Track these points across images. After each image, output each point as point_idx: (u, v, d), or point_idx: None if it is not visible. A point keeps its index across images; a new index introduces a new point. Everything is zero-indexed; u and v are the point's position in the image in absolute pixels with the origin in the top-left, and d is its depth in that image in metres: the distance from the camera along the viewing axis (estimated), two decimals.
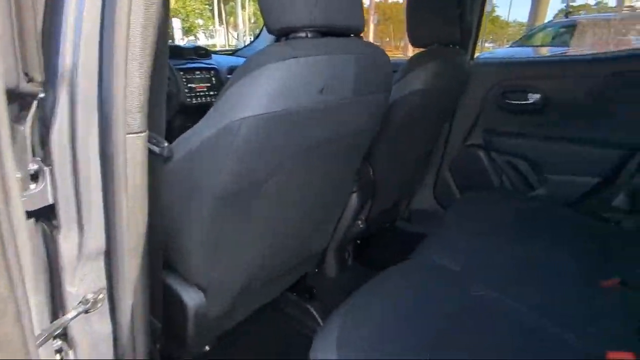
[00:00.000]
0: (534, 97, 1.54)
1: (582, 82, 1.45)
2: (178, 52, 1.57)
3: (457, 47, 1.41)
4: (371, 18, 16.66)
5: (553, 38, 6.90)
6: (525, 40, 7.26)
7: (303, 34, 0.68)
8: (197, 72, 1.49)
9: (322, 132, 0.74)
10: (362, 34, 0.79)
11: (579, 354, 0.68)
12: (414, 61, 1.19)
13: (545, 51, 6.25)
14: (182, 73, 1.44)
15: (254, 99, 0.59)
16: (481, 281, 0.86)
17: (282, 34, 0.68)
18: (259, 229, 0.80)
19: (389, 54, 0.86)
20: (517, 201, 1.39)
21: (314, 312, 1.24)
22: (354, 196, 1.16)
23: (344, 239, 1.25)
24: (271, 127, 0.62)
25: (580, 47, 6.08)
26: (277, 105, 0.60)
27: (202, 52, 1.64)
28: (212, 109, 0.64)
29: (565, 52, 5.87)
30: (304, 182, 0.81)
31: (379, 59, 0.80)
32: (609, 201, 1.41)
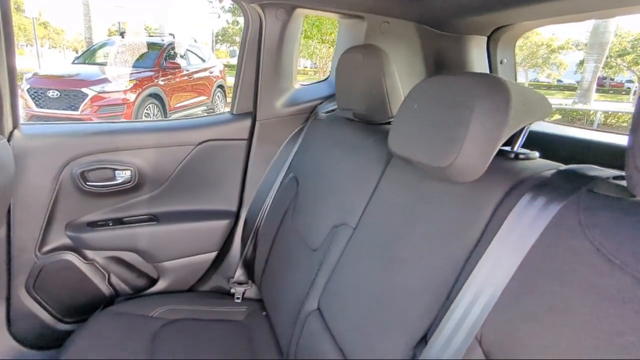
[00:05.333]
0: (123, 175, 1.21)
1: (175, 151, 1.27)
2: None
3: None
4: None
5: (115, 56, 6.84)
6: (88, 57, 6.75)
7: None
8: None
9: None
10: None
11: None
12: None
13: (108, 69, 6.05)
14: None
15: None
16: None
17: None
18: None
19: None
20: (141, 317, 1.10)
21: None
22: None
23: None
24: None
25: (138, 67, 6.31)
26: None
27: None
28: None
29: (135, 72, 5.99)
30: None
31: None
32: (229, 273, 1.35)
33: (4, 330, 1.16)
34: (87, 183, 1.17)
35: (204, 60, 7.35)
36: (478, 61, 1.30)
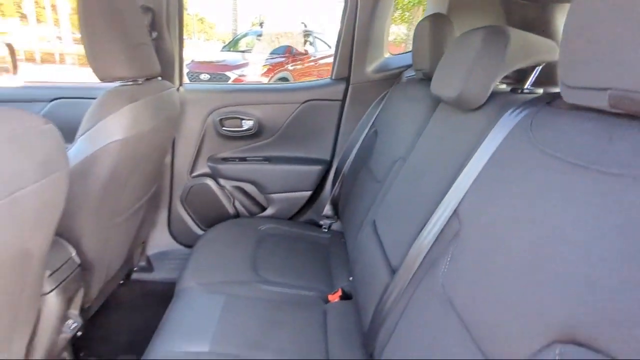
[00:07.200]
0: (247, 124, 1.60)
1: (285, 108, 1.61)
2: None
3: (160, 78, 1.27)
4: None
5: (254, 44, 7.89)
6: (232, 46, 7.87)
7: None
8: None
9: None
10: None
11: None
12: (106, 104, 0.96)
13: (248, 56, 6.99)
14: None
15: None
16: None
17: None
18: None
19: None
20: (252, 228, 1.46)
21: None
22: (51, 299, 0.85)
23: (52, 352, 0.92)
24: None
25: (273, 54, 7.13)
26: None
27: None
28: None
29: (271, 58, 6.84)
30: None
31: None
32: (320, 210, 1.66)
33: (166, 229, 1.68)
34: (223, 128, 1.59)
35: (329, 47, 7.86)
36: None
